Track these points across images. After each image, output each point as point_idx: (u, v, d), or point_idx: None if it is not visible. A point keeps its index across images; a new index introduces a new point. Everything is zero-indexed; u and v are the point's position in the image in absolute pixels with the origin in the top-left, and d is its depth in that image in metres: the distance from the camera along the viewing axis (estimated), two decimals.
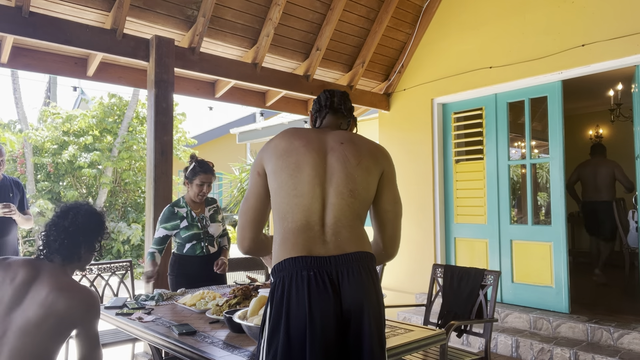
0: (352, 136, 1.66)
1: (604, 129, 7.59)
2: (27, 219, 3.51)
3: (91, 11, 3.65)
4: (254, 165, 1.63)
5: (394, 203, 1.64)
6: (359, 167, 1.54)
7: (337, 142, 1.59)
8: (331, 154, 1.56)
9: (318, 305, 1.35)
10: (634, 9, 3.85)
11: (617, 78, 5.69)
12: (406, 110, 5.63)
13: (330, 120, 1.79)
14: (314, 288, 1.37)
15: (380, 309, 1.47)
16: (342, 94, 1.84)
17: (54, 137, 9.64)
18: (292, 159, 1.52)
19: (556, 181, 4.36)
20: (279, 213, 1.52)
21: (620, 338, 3.67)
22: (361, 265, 1.45)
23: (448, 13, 5.22)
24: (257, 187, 1.60)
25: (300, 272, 1.39)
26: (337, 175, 1.52)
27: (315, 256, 1.42)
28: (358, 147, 1.59)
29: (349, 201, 1.50)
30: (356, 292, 1.40)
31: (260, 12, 4.35)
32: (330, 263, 1.42)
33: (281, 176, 1.51)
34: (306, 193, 1.48)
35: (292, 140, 1.57)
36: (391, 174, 1.65)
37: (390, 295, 5.05)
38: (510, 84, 4.65)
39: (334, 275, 1.41)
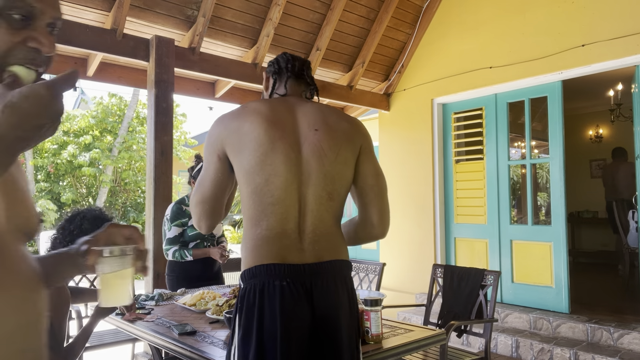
0: (325, 115, 1.50)
1: (604, 129, 7.60)
2: None
3: (91, 11, 3.65)
4: (212, 146, 1.44)
5: (376, 176, 1.53)
6: (337, 162, 1.42)
7: (310, 128, 1.44)
8: (306, 146, 1.41)
9: (291, 317, 1.28)
10: (634, 9, 3.85)
11: (617, 78, 5.69)
12: (406, 111, 5.63)
13: (293, 87, 1.62)
14: (287, 299, 1.29)
15: (353, 320, 1.41)
16: (303, 60, 1.67)
17: (54, 136, 9.65)
18: (268, 159, 1.36)
19: (556, 181, 4.35)
20: (251, 218, 1.39)
21: (620, 338, 3.67)
22: (336, 275, 1.38)
23: (448, 13, 5.22)
24: (217, 173, 1.43)
25: (273, 281, 1.30)
26: (314, 175, 1.39)
27: (289, 264, 1.33)
28: (333, 133, 1.45)
29: (328, 205, 1.40)
30: (329, 302, 1.34)
31: (260, 12, 4.35)
32: (304, 272, 1.33)
33: (255, 180, 1.36)
34: (283, 200, 1.36)
35: (267, 129, 1.38)
36: (369, 147, 1.54)
37: (390, 295, 5.05)
38: (510, 84, 4.65)
39: (308, 284, 1.33)
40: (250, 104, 1.47)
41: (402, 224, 5.52)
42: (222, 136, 1.42)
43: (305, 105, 1.52)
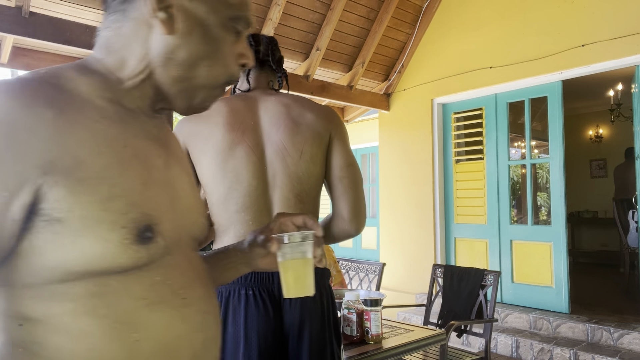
0: (288, 109, 1.37)
1: (604, 129, 7.60)
2: None
3: (91, 11, 3.65)
4: None
5: (347, 166, 1.38)
6: (302, 161, 1.31)
7: (272, 126, 1.33)
8: (269, 146, 1.31)
9: (255, 328, 1.22)
10: (634, 9, 3.85)
11: (617, 78, 5.69)
12: (406, 111, 5.63)
13: (257, 78, 1.46)
14: (252, 309, 1.23)
15: (325, 331, 1.31)
16: (270, 40, 1.49)
17: None
18: (229, 165, 1.27)
19: (556, 181, 4.35)
20: (219, 227, 1.31)
21: (620, 338, 3.67)
22: None
23: (448, 13, 5.22)
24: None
25: (239, 289, 1.24)
26: (279, 177, 1.30)
27: (257, 271, 1.24)
28: (297, 128, 1.33)
29: (297, 208, 1.31)
30: (300, 311, 1.26)
31: (260, 12, 4.35)
32: (272, 279, 1.26)
33: (218, 189, 1.28)
34: (249, 207, 1.27)
35: (224, 134, 1.28)
36: (339, 135, 1.40)
37: (390, 295, 5.05)
38: (510, 84, 4.65)
39: (276, 293, 1.25)
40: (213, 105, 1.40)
41: (402, 223, 5.52)
42: (184, 137, 1.32)
43: (267, 100, 1.38)
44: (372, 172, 7.96)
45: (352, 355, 1.82)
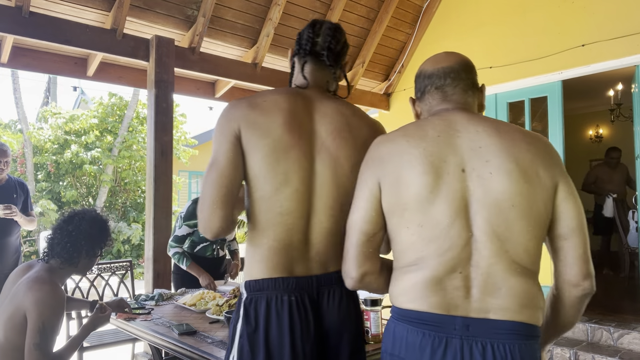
0: (347, 118, 1.33)
1: (604, 129, 7.60)
2: (30, 220, 3.50)
3: (91, 11, 3.65)
4: (227, 127, 1.26)
5: None
6: (352, 173, 1.28)
7: (328, 134, 1.30)
8: (322, 154, 1.29)
9: (299, 332, 1.24)
10: (634, 9, 3.85)
11: (617, 78, 5.69)
12: (406, 110, 5.63)
13: (314, 75, 1.39)
14: (295, 315, 1.24)
15: (359, 330, 1.38)
16: (334, 29, 1.40)
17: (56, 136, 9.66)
18: (280, 167, 1.24)
19: None
20: (257, 225, 1.28)
21: (620, 338, 3.67)
22: (343, 286, 1.30)
23: (448, 13, 5.22)
24: (233, 153, 1.23)
25: (281, 296, 1.25)
26: (327, 186, 1.28)
27: (297, 276, 1.27)
28: (353, 141, 1.31)
29: (338, 217, 1.29)
30: (337, 313, 1.30)
31: (260, 12, 4.35)
32: (311, 284, 1.29)
33: (264, 187, 1.25)
34: (292, 211, 1.26)
35: (282, 135, 1.24)
36: None
37: None
38: (510, 84, 4.65)
39: (315, 296, 1.29)
40: (269, 96, 1.30)
41: None
42: (239, 122, 1.25)
43: (325, 105, 1.34)
44: None
45: None
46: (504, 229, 1.08)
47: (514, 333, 1.07)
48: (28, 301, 1.73)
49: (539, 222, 1.11)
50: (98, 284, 3.53)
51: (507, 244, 1.08)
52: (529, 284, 1.11)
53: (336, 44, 1.40)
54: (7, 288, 1.89)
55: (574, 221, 1.13)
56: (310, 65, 1.39)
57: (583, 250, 1.13)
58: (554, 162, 1.15)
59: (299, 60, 1.42)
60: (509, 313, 1.08)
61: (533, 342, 1.10)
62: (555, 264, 1.17)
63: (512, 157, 1.10)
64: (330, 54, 1.38)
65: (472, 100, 1.25)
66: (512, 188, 1.09)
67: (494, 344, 1.06)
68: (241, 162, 1.24)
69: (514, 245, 1.08)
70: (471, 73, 1.26)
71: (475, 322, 1.08)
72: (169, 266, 3.62)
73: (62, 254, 1.89)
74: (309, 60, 1.39)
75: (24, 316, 1.73)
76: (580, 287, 1.14)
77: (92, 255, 1.99)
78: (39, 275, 1.82)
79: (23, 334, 1.73)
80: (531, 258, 1.11)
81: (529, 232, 1.09)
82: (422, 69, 1.30)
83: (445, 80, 1.23)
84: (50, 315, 1.74)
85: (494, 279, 1.08)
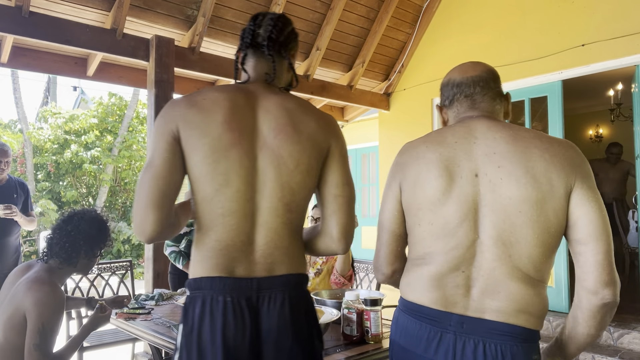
0: (291, 113, 1.26)
1: (604, 129, 7.60)
2: (30, 220, 3.50)
3: (91, 11, 3.65)
4: (164, 127, 1.22)
5: (343, 185, 1.31)
6: (297, 172, 1.24)
7: (270, 131, 1.24)
8: (264, 152, 1.23)
9: (234, 336, 1.18)
10: (634, 9, 3.85)
11: (617, 78, 5.69)
12: (406, 110, 5.63)
13: (256, 68, 1.33)
14: (229, 317, 1.18)
15: (305, 342, 1.25)
16: (277, 18, 1.32)
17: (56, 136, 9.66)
18: (220, 167, 1.19)
19: None
20: (201, 226, 1.25)
21: (620, 338, 3.67)
22: (289, 291, 1.24)
23: (448, 13, 5.22)
24: (170, 153, 1.20)
25: (217, 296, 1.19)
26: (270, 186, 1.23)
27: (236, 277, 1.21)
28: (297, 137, 1.24)
29: (285, 218, 1.24)
30: (275, 320, 1.21)
31: None
32: (252, 286, 1.21)
33: (205, 189, 1.21)
34: (234, 211, 1.21)
35: (222, 133, 1.20)
36: (338, 149, 1.32)
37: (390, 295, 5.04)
38: (510, 84, 4.64)
39: (254, 300, 1.21)
40: (210, 93, 1.25)
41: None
42: (177, 121, 1.21)
43: (269, 100, 1.28)
44: (372, 172, 7.96)
45: (352, 355, 1.82)
46: (510, 235, 1.12)
47: (508, 335, 1.12)
48: (27, 302, 1.73)
49: (548, 230, 1.12)
50: (98, 284, 3.53)
51: (512, 249, 1.12)
52: (530, 291, 1.13)
53: (278, 33, 1.31)
54: (6, 288, 1.89)
55: (591, 226, 1.12)
56: (252, 58, 1.33)
57: (603, 256, 1.11)
58: (572, 166, 1.14)
59: (243, 53, 1.35)
60: (504, 316, 1.12)
61: (527, 346, 1.13)
62: (576, 270, 1.17)
63: (524, 164, 1.13)
64: (272, 43, 1.30)
65: (499, 108, 1.32)
66: (520, 194, 1.12)
67: (486, 343, 1.12)
68: (179, 164, 1.21)
69: (518, 251, 1.12)
70: (498, 82, 1.33)
71: (471, 320, 1.14)
72: (168, 266, 3.62)
73: (61, 254, 1.90)
74: (249, 53, 1.33)
75: (23, 317, 1.73)
76: (599, 295, 1.12)
77: (92, 256, 1.99)
78: (38, 275, 1.82)
79: (22, 334, 1.73)
80: (535, 266, 1.13)
81: (534, 239, 1.11)
82: (450, 77, 1.35)
83: (475, 88, 1.30)
84: (49, 316, 1.73)
85: (494, 282, 1.13)
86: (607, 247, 1.12)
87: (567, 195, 1.13)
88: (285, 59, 1.35)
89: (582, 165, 1.16)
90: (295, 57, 1.40)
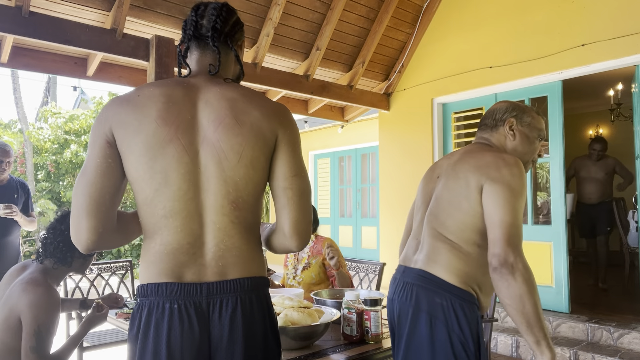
0: (232, 104, 1.19)
1: (604, 129, 7.60)
2: (30, 220, 3.50)
3: (91, 11, 3.65)
4: (97, 130, 1.16)
5: (292, 176, 1.22)
6: (240, 166, 1.16)
7: (210, 124, 1.17)
8: (204, 146, 1.16)
9: (179, 344, 1.11)
10: (634, 9, 3.85)
11: (617, 78, 5.69)
12: (406, 110, 5.63)
13: (199, 59, 1.26)
14: (175, 325, 1.11)
15: (259, 349, 1.18)
16: (220, 8, 1.27)
17: (56, 136, 9.66)
18: (158, 165, 1.12)
19: (556, 181, 4.36)
20: (145, 230, 1.18)
21: (620, 338, 3.67)
22: (242, 296, 1.16)
23: (448, 13, 5.22)
24: (102, 158, 1.13)
25: (163, 303, 1.12)
26: (213, 182, 1.15)
27: (184, 283, 1.13)
28: (238, 128, 1.17)
29: (233, 216, 1.17)
30: (227, 327, 1.14)
31: (260, 12, 4.35)
32: (200, 292, 1.13)
33: (145, 190, 1.14)
34: (177, 212, 1.14)
35: (156, 129, 1.13)
36: (288, 138, 1.23)
37: None
38: (510, 84, 4.65)
39: (204, 306, 1.13)
40: (146, 89, 1.18)
41: (402, 223, 5.52)
42: (110, 122, 1.15)
43: (210, 91, 1.20)
44: (372, 172, 7.96)
45: (352, 355, 1.82)
46: (438, 213, 1.60)
47: (426, 279, 1.55)
48: (22, 304, 1.72)
49: (465, 212, 1.56)
50: (98, 284, 3.53)
51: (438, 222, 1.59)
52: (454, 253, 1.53)
53: (223, 23, 1.25)
54: (1, 289, 1.88)
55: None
56: (196, 50, 1.27)
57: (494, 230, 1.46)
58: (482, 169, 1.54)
59: (186, 45, 1.28)
60: (426, 265, 1.57)
61: (432, 290, 1.54)
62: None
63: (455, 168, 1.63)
64: (216, 34, 1.24)
65: (489, 136, 1.73)
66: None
67: (415, 285, 1.57)
68: (114, 168, 1.14)
69: (440, 223, 1.58)
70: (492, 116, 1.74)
71: (409, 269, 1.63)
72: None
73: (56, 254, 1.89)
74: (193, 45, 1.27)
75: (18, 319, 1.72)
76: (491, 264, 1.41)
77: (87, 255, 1.98)
78: (33, 276, 1.81)
79: (18, 336, 1.72)
80: (449, 230, 1.56)
81: (450, 215, 1.57)
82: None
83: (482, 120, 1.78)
84: (45, 318, 1.72)
85: (427, 245, 1.60)
86: (500, 223, 1.49)
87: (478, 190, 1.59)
88: (232, 50, 1.29)
89: (490, 167, 1.61)
90: (242, 47, 1.35)
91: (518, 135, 1.67)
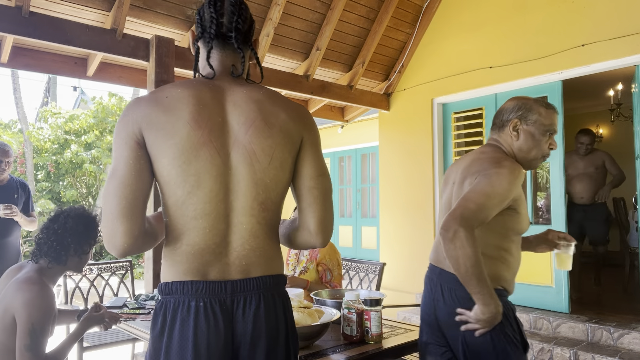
0: (260, 106, 1.21)
1: (604, 129, 7.60)
2: (31, 221, 3.50)
3: (91, 11, 3.65)
4: (126, 130, 1.15)
5: (318, 176, 1.26)
6: (271, 167, 1.19)
7: (241, 126, 1.18)
8: (235, 149, 1.17)
9: (206, 343, 1.13)
10: (634, 9, 3.85)
11: (617, 78, 5.70)
12: (406, 110, 5.63)
13: (222, 59, 1.26)
14: (201, 322, 1.13)
15: (281, 345, 1.21)
16: (239, 4, 1.25)
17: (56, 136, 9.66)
18: (191, 169, 1.13)
19: (556, 181, 4.36)
20: (172, 232, 1.19)
21: (620, 338, 3.67)
22: (265, 293, 1.19)
23: (448, 13, 5.22)
24: (134, 159, 1.13)
25: (188, 301, 1.14)
26: (244, 184, 1.17)
27: (209, 281, 1.15)
28: (269, 130, 1.19)
29: (260, 217, 1.20)
30: (250, 324, 1.16)
31: (260, 12, 4.35)
32: (225, 289, 1.16)
33: (176, 192, 1.15)
34: (207, 213, 1.15)
35: (190, 132, 1.13)
36: (312, 140, 1.27)
37: (390, 295, 5.05)
38: (510, 84, 4.65)
39: (229, 303, 1.16)
40: (173, 90, 1.18)
41: (402, 223, 5.52)
42: (140, 123, 1.14)
43: (236, 93, 1.22)
44: (372, 172, 7.96)
45: (352, 355, 1.82)
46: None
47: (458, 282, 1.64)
48: (16, 302, 1.72)
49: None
50: (98, 284, 3.53)
51: None
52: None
53: (243, 22, 1.25)
54: None
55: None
56: (217, 50, 1.26)
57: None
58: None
59: (204, 45, 1.25)
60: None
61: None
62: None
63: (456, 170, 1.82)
64: (239, 35, 1.24)
65: (497, 136, 1.82)
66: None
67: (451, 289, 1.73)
68: (146, 169, 1.14)
69: None
70: (500, 116, 1.84)
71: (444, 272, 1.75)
72: None
73: (50, 253, 1.89)
74: (215, 45, 1.25)
75: (13, 318, 1.72)
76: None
77: (82, 253, 1.97)
78: (28, 276, 1.81)
79: (13, 335, 1.72)
80: None
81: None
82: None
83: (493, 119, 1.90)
84: (39, 316, 1.72)
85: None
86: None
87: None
88: (249, 48, 1.30)
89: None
90: (257, 43, 1.36)
91: (522, 135, 1.74)
